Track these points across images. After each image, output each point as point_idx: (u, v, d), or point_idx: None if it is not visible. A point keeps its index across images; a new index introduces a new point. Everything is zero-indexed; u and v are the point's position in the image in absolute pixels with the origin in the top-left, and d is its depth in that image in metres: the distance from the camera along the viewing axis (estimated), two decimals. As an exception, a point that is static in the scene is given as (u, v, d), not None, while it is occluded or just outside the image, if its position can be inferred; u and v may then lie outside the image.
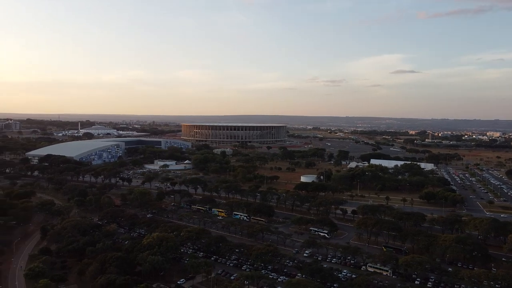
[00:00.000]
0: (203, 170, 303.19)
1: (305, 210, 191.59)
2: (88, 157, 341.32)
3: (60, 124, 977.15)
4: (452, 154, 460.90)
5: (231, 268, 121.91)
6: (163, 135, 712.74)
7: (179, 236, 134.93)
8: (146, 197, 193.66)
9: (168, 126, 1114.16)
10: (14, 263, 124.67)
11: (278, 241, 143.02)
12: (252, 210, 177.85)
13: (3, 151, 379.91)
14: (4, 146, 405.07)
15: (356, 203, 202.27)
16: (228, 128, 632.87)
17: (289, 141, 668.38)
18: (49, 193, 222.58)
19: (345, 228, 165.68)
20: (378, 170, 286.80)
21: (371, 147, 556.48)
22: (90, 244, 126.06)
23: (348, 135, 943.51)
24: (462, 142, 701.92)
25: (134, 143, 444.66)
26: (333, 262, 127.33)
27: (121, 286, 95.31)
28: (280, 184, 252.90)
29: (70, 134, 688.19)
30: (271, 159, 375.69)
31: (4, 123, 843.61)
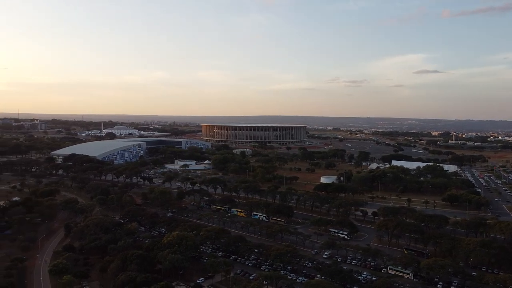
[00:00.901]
0: (223, 170, 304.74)
1: (324, 211, 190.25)
2: (110, 156, 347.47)
3: (83, 124, 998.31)
4: (477, 156, 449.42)
5: (250, 268, 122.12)
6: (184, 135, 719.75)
7: (199, 235, 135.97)
8: (167, 197, 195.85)
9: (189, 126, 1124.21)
10: (39, 259, 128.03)
11: (297, 241, 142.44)
12: (272, 210, 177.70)
13: (29, 150, 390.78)
14: (31, 146, 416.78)
15: (377, 204, 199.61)
16: (248, 129, 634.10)
17: (309, 142, 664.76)
18: (72, 191, 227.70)
19: (365, 229, 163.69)
20: (400, 171, 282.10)
21: (393, 148, 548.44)
22: (111, 242, 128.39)
23: (369, 136, 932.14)
24: (488, 144, 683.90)
25: (155, 143, 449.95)
26: (353, 264, 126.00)
27: (141, 283, 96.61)
28: (299, 185, 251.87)
29: (93, 134, 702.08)
30: (290, 160, 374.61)
31: (31, 123, 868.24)
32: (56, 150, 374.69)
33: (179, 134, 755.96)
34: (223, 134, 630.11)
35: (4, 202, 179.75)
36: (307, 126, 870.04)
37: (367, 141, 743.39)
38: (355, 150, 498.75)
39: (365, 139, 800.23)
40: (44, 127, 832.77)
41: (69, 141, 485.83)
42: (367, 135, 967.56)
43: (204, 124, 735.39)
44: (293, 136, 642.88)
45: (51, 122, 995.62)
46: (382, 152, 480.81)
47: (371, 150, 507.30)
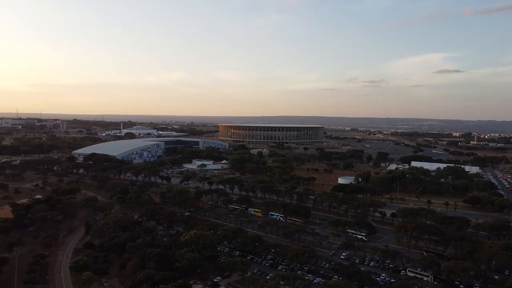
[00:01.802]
0: (240, 170, 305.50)
1: (342, 212, 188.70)
2: (129, 156, 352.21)
3: (103, 124, 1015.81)
4: (500, 157, 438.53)
5: (266, 268, 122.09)
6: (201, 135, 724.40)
7: (216, 234, 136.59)
8: (184, 196, 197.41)
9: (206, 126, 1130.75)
10: (61, 256, 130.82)
11: (314, 242, 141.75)
12: (289, 210, 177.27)
13: (51, 149, 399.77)
14: (53, 145, 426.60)
15: (396, 206, 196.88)
16: (265, 129, 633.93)
17: (327, 142, 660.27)
18: (93, 190, 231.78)
19: (383, 231, 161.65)
20: (419, 172, 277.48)
21: (412, 149, 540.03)
22: (130, 240, 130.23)
23: (387, 136, 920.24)
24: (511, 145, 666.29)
25: (173, 143, 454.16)
26: (371, 266, 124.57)
27: (159, 281, 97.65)
28: (317, 186, 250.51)
29: (113, 134, 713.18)
30: (308, 160, 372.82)
31: (53, 123, 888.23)
32: (77, 149, 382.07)
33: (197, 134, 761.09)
34: (240, 134, 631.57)
35: (27, 200, 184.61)
36: (324, 127, 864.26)
37: (386, 142, 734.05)
38: (373, 150, 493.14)
39: (384, 140, 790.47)
40: (65, 127, 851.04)
41: (89, 141, 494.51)
42: (386, 135, 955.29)
43: (222, 124, 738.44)
44: (311, 137, 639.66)
45: (73, 122, 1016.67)
46: (401, 153, 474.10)
47: (390, 150, 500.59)
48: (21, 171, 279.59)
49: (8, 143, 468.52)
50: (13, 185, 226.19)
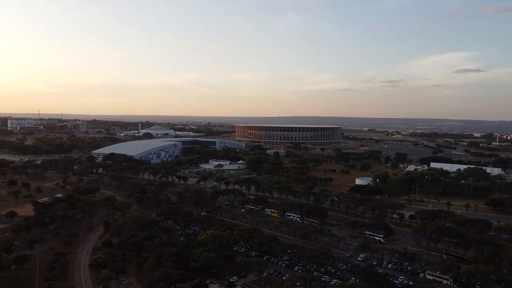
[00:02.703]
0: (256, 171, 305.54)
1: (359, 213, 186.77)
2: (147, 156, 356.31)
3: (122, 124, 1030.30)
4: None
5: (283, 269, 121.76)
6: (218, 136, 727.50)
7: (232, 234, 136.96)
8: (201, 196, 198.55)
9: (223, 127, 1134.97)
10: (80, 254, 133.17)
11: (331, 243, 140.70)
12: (305, 211, 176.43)
13: (71, 149, 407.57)
14: (73, 145, 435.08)
15: (414, 207, 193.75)
16: (282, 129, 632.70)
17: (344, 143, 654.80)
18: (111, 189, 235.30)
19: (402, 233, 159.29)
20: (439, 174, 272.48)
21: (431, 150, 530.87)
22: (148, 239, 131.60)
23: (406, 137, 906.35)
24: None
25: (190, 143, 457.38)
26: (388, 268, 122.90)
27: (176, 280, 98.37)
28: (334, 186, 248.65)
29: (131, 134, 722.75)
30: (324, 161, 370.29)
31: (73, 124, 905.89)
32: (96, 149, 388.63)
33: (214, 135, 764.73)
34: (257, 135, 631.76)
35: (48, 199, 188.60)
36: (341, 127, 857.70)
37: (405, 143, 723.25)
38: (391, 151, 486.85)
39: (402, 141, 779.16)
40: (85, 127, 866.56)
41: (108, 141, 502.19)
42: (405, 136, 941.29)
43: (238, 125, 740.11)
44: (328, 137, 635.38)
45: (92, 123, 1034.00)
46: (420, 153, 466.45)
47: (408, 151, 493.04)
48: (43, 170, 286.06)
49: (30, 143, 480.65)
50: (35, 184, 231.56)
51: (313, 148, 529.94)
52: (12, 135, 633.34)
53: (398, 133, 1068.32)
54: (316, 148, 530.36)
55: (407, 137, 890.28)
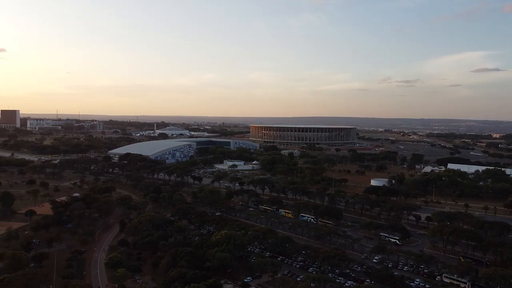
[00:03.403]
0: (271, 171, 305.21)
1: (375, 215, 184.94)
2: (162, 156, 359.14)
3: (138, 125, 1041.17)
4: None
5: (297, 270, 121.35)
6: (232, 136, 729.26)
7: (247, 235, 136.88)
8: (215, 196, 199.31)
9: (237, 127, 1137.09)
10: (97, 252, 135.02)
11: (346, 245, 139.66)
12: (320, 212, 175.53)
13: (88, 149, 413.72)
14: (90, 145, 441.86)
15: (431, 209, 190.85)
16: (296, 130, 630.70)
17: (359, 144, 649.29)
18: (127, 189, 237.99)
19: (418, 235, 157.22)
20: (456, 175, 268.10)
21: (449, 151, 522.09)
22: (163, 238, 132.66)
23: (423, 137, 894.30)
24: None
25: (204, 143, 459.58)
26: (404, 270, 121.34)
27: (191, 280, 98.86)
28: (348, 187, 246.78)
29: (147, 134, 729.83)
30: (339, 162, 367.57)
31: (90, 124, 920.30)
32: (113, 149, 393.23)
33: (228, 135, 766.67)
34: (271, 135, 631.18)
35: (66, 198, 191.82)
36: (357, 128, 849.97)
37: (421, 143, 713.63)
38: (408, 152, 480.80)
39: (418, 141, 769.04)
40: (102, 127, 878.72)
41: (124, 141, 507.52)
42: (421, 137, 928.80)
43: (253, 125, 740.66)
44: (343, 138, 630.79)
45: (108, 123, 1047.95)
46: (437, 154, 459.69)
47: (425, 152, 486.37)
48: (61, 170, 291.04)
49: (48, 143, 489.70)
50: (53, 183, 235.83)
51: (328, 148, 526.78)
52: (31, 135, 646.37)
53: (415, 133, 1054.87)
54: (331, 148, 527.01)
55: (423, 138, 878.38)
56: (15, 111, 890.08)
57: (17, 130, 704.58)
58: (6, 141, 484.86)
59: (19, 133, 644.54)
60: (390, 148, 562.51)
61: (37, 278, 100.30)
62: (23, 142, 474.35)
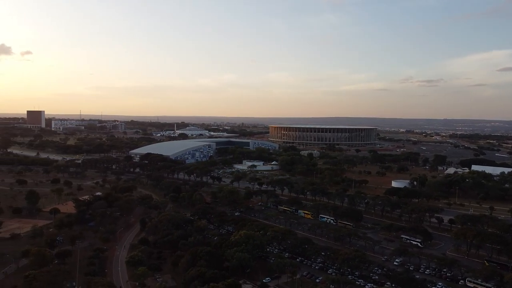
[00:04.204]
0: (290, 172, 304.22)
1: (395, 217, 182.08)
2: (182, 156, 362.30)
3: (158, 125, 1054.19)
4: None
5: (316, 271, 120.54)
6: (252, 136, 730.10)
7: (265, 235, 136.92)
8: (235, 196, 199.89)
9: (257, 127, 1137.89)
10: (118, 250, 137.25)
11: (366, 247, 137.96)
12: (339, 213, 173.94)
13: (110, 149, 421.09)
14: (112, 145, 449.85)
15: (454, 212, 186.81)
16: (316, 130, 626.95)
17: (380, 144, 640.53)
18: (148, 188, 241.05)
19: (440, 238, 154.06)
20: (481, 177, 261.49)
21: (473, 152, 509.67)
22: (183, 238, 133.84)
23: (445, 138, 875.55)
24: None
25: (224, 144, 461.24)
26: (426, 273, 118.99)
27: (210, 279, 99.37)
28: (369, 189, 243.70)
29: (167, 134, 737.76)
30: (359, 163, 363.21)
31: (112, 124, 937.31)
32: (134, 149, 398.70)
33: (247, 135, 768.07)
34: (290, 136, 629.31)
35: (88, 197, 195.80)
36: (377, 128, 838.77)
37: (444, 144, 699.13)
38: (430, 153, 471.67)
39: (441, 142, 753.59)
40: (123, 127, 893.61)
41: (145, 141, 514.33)
42: (444, 137, 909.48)
43: (272, 126, 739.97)
44: (363, 138, 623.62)
45: (130, 123, 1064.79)
46: (460, 156, 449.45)
47: (448, 153, 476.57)
48: (84, 169, 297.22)
49: (72, 143, 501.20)
50: (76, 182, 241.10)
51: (347, 149, 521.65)
52: (55, 135, 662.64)
53: (437, 134, 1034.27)
54: (351, 149, 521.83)
55: (446, 139, 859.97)
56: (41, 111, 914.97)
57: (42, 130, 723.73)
58: (32, 141, 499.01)
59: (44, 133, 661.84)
60: (411, 149, 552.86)
61: (60, 274, 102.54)
62: (48, 142, 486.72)
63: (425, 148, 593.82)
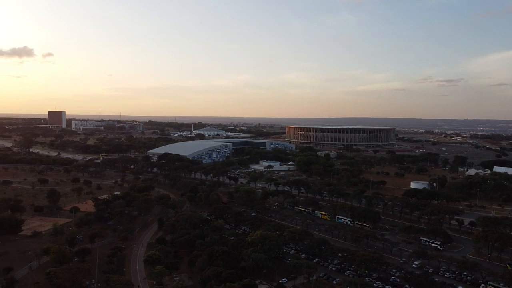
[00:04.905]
0: (307, 172, 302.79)
1: (414, 219, 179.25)
2: (199, 156, 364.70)
3: (176, 125, 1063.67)
4: None
5: (333, 272, 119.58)
6: (268, 137, 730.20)
7: (282, 235, 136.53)
8: (251, 196, 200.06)
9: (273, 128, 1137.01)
10: (136, 249, 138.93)
11: (384, 248, 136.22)
12: (357, 215, 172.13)
13: (129, 149, 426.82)
14: (130, 145, 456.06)
15: (475, 214, 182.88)
16: (333, 131, 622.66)
17: (398, 145, 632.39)
18: (165, 188, 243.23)
19: (461, 240, 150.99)
20: (503, 178, 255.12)
21: (494, 153, 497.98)
22: (199, 237, 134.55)
23: (466, 139, 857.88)
24: None
25: (240, 144, 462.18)
26: (446, 277, 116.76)
27: (226, 279, 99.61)
28: (387, 190, 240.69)
29: (184, 134, 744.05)
30: (377, 164, 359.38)
31: (131, 125, 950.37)
32: (152, 149, 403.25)
33: (264, 136, 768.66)
34: (307, 136, 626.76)
35: (107, 196, 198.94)
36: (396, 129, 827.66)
37: (464, 145, 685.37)
38: (450, 154, 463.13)
39: (462, 143, 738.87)
40: (141, 128, 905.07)
41: (163, 141, 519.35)
42: (464, 138, 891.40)
43: (289, 126, 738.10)
44: (381, 139, 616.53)
45: (148, 124, 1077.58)
46: (481, 157, 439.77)
47: (468, 154, 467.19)
48: (103, 169, 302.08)
49: (92, 142, 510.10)
50: (96, 182, 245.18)
51: (365, 150, 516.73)
52: (76, 135, 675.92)
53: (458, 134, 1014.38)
54: (369, 150, 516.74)
55: (467, 139, 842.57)
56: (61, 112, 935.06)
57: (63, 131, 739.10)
58: (53, 141, 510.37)
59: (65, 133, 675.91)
60: (431, 149, 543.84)
61: (80, 272, 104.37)
62: (69, 142, 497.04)
63: (445, 149, 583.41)
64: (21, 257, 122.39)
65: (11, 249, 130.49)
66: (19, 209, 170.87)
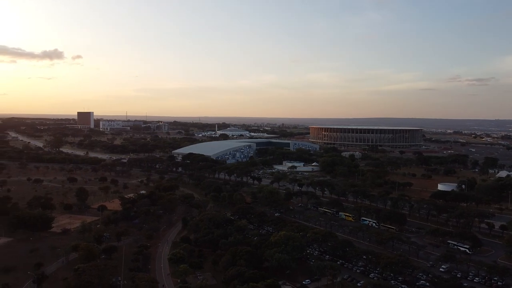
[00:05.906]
0: (331, 173, 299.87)
1: (442, 221, 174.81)
2: (223, 156, 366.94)
3: (200, 126, 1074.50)
4: None
5: (357, 275, 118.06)
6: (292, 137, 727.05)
7: (305, 236, 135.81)
8: (275, 197, 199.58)
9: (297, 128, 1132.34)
10: (161, 247, 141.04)
11: (410, 251, 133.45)
12: (382, 216, 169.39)
13: (154, 149, 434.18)
14: (155, 145, 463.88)
15: (507, 217, 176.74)
16: (358, 131, 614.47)
17: (425, 146, 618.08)
18: (189, 187, 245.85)
19: (491, 244, 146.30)
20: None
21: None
22: (223, 237, 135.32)
23: (497, 140, 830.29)
24: None
25: (264, 144, 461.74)
26: (475, 282, 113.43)
27: (249, 279, 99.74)
28: (413, 192, 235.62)
29: (208, 135, 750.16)
30: (403, 165, 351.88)
31: (156, 125, 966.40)
32: (176, 149, 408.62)
33: (288, 136, 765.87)
34: (331, 137, 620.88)
35: (133, 195, 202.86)
36: (423, 129, 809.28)
37: (495, 146, 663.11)
38: (480, 155, 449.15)
39: (492, 144, 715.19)
40: (166, 128, 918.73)
41: (187, 141, 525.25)
42: (495, 139, 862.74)
43: (313, 126, 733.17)
44: (407, 140, 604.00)
45: (173, 124, 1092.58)
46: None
47: (499, 156, 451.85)
48: (129, 168, 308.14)
49: (118, 142, 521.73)
50: (122, 181, 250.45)
51: (391, 151, 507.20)
52: (103, 135, 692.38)
53: (488, 135, 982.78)
54: (395, 151, 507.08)
55: (498, 140, 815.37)
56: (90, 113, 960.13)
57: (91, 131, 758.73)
58: (81, 141, 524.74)
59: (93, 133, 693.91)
60: (459, 151, 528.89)
61: (107, 269, 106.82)
62: (96, 142, 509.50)
63: (475, 150, 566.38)
64: (51, 253, 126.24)
65: (42, 245, 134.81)
66: (49, 207, 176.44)
